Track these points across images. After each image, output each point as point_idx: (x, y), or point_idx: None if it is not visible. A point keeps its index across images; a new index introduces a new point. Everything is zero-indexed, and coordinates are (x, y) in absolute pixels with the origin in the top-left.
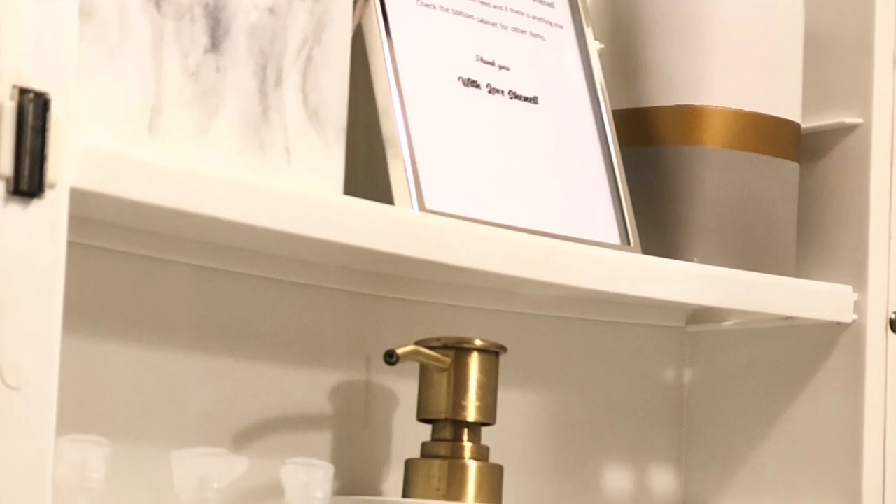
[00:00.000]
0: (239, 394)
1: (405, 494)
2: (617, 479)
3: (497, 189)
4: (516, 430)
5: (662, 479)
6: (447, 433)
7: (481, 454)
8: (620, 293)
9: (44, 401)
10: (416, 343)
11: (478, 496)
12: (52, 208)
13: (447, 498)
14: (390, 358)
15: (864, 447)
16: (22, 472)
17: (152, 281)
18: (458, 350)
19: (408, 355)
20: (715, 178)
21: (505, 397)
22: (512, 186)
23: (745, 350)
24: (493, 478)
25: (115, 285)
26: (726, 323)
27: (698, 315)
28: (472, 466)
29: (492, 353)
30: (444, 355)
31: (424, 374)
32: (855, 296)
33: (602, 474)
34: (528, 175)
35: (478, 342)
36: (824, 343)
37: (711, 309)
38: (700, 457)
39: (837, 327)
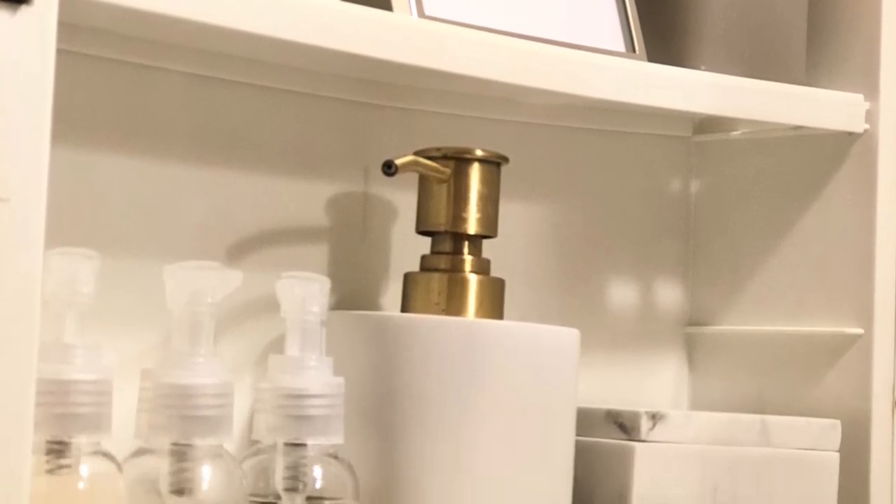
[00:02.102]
0: (233, 206)
1: (404, 309)
2: (621, 292)
3: None
4: (518, 242)
5: (668, 294)
6: (447, 246)
7: (482, 268)
8: (626, 102)
9: (32, 212)
10: (416, 153)
11: (479, 310)
12: (41, 14)
13: (447, 312)
14: (389, 168)
15: (875, 260)
16: (11, 286)
17: (145, 90)
18: (459, 160)
19: (407, 166)
20: None
21: (506, 209)
22: None
23: (753, 161)
24: (494, 292)
25: (107, 94)
26: (734, 132)
27: (705, 124)
28: (473, 280)
29: (493, 164)
30: (443, 166)
31: (424, 185)
32: (867, 105)
33: (606, 288)
34: None
35: (479, 152)
36: (835, 153)
37: (719, 118)
38: (707, 271)
39: (849, 137)
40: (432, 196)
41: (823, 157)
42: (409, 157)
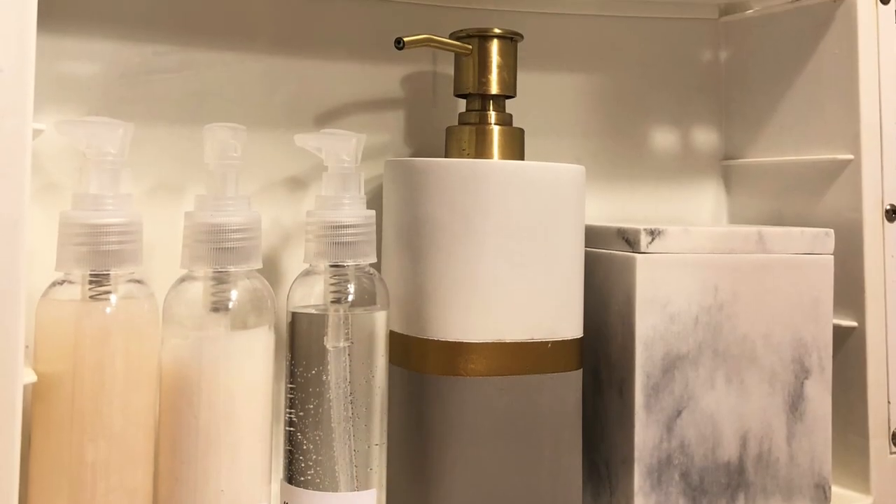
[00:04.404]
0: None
1: (446, 155)
2: (667, 139)
3: None
4: (577, 106)
5: (706, 138)
6: (476, 104)
7: (504, 120)
8: None
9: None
10: (450, 35)
11: (501, 154)
12: None
13: (473, 157)
14: (398, 44)
15: (860, 100)
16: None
17: None
18: (481, 38)
19: (417, 42)
20: None
21: (563, 81)
22: None
23: (765, 31)
24: (514, 139)
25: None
26: (749, 11)
27: (728, 7)
28: (496, 130)
29: (508, 39)
30: (468, 43)
31: (457, 60)
32: None
33: (653, 137)
34: None
35: (496, 30)
36: (824, 18)
37: (736, 2)
38: (736, 119)
39: (833, 3)
40: (462, 68)
41: (816, 24)
42: (421, 35)
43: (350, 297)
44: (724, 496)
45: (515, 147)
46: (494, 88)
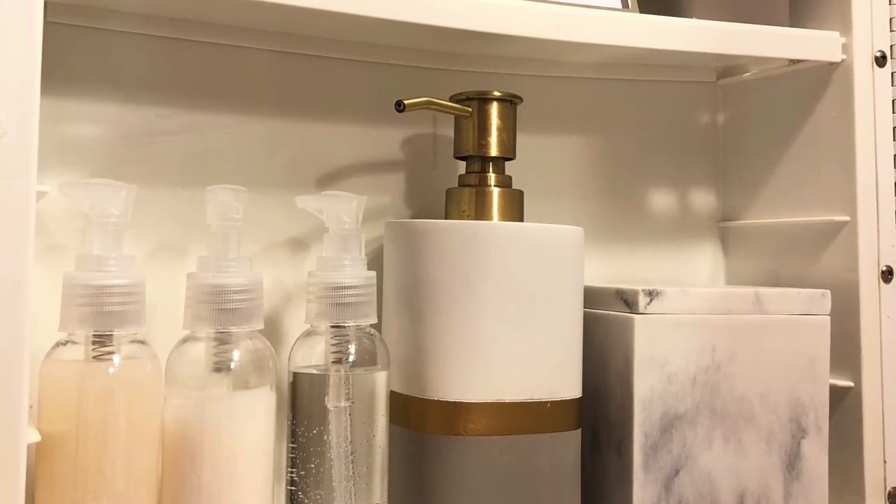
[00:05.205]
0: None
1: (446, 217)
2: (667, 201)
3: None
4: (578, 168)
5: (704, 199)
6: (476, 167)
7: (504, 182)
8: (641, 47)
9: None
10: (450, 97)
11: (501, 216)
12: None
13: (473, 218)
14: (398, 107)
15: (857, 162)
16: (8, 205)
17: (238, 65)
18: (480, 100)
19: (416, 105)
20: None
21: (564, 144)
22: None
23: (763, 93)
24: (513, 201)
25: (205, 70)
26: (746, 74)
27: (726, 71)
28: (496, 192)
29: (508, 101)
30: (467, 105)
31: (457, 122)
32: (842, 39)
33: (652, 199)
34: None
35: (496, 93)
36: (821, 81)
37: (734, 65)
38: (733, 181)
39: (830, 67)
40: (462, 130)
41: (812, 85)
42: (421, 98)
43: (351, 358)
44: None
45: (515, 209)
46: (494, 150)
